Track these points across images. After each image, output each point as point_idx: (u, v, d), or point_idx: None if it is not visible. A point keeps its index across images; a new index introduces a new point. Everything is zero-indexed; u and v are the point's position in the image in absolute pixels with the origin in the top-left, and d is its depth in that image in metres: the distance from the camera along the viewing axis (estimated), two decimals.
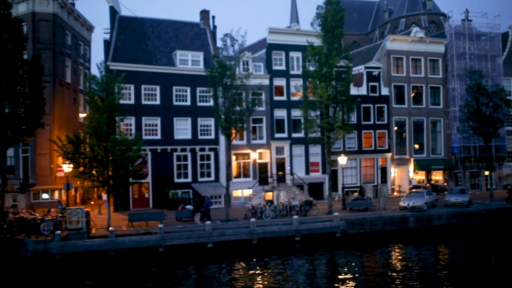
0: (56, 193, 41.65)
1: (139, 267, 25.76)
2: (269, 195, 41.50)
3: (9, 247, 27.52)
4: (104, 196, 37.09)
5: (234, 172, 42.50)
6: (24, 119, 32.27)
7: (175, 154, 41.41)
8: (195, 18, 49.71)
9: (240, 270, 25.51)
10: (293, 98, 44.96)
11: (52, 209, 33.33)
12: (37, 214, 30.95)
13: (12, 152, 42.00)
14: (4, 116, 31.53)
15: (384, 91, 48.18)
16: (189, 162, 41.86)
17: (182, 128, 41.85)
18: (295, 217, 31.22)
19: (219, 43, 37.09)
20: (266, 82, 43.88)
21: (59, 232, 26.86)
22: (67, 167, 32.56)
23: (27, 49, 35.08)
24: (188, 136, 42.00)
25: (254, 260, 27.29)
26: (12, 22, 32.07)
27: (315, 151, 45.58)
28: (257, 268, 25.78)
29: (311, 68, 36.72)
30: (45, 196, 41.55)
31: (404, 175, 49.16)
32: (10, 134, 32.19)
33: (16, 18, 32.97)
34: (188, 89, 42.20)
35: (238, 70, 35.28)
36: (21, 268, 25.65)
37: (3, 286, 23.12)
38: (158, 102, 41.26)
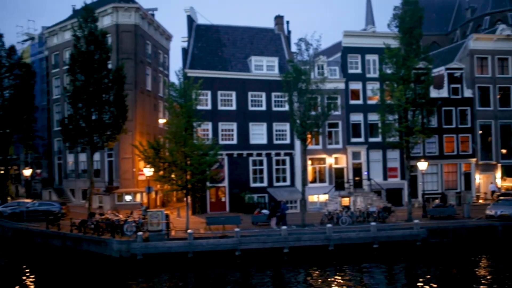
0: (138, 196, 43.42)
1: (217, 269, 26.16)
2: (345, 201, 40.77)
3: (96, 246, 29.08)
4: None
5: (309, 177, 42.18)
6: (109, 125, 34.04)
7: (251, 158, 41.83)
8: (270, 24, 50.06)
9: (317, 276, 25.15)
10: (369, 102, 43.98)
11: (135, 211, 34.83)
12: (121, 216, 32.52)
13: (98, 156, 44.50)
14: (91, 122, 33.47)
15: (467, 93, 45.84)
16: (264, 167, 42.11)
17: (258, 133, 42.21)
18: (373, 223, 30.37)
19: (294, 48, 37.02)
20: (341, 86, 43.28)
21: (141, 233, 27.94)
22: (148, 171, 33.83)
23: (111, 59, 36.97)
24: (264, 141, 42.28)
25: (331, 266, 26.79)
26: (98, 34, 34.01)
27: (393, 156, 44.22)
28: (334, 275, 25.25)
29: (388, 71, 35.67)
30: (128, 198, 43.50)
31: (490, 182, 46.37)
32: (97, 140, 34.09)
33: (101, 31, 34.91)
34: (264, 94, 42.53)
35: (313, 74, 35.01)
36: (107, 266, 26.95)
37: (93, 283, 24.33)
38: (234, 107, 41.92)
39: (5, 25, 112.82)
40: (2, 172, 50.99)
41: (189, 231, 28.45)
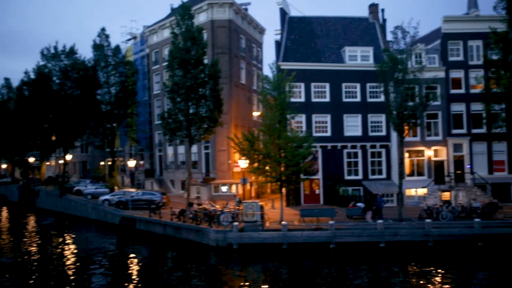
0: (233, 187, 44.54)
1: (311, 261, 26.14)
2: (445, 195, 38.75)
3: (194, 235, 30.34)
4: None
5: (407, 170, 40.65)
6: (206, 118, 35.22)
7: (345, 151, 41.19)
8: (364, 13, 48.74)
9: (415, 274, 24.14)
10: (472, 91, 41.33)
11: (230, 202, 35.79)
12: (217, 206, 33.59)
13: (195, 148, 46.28)
14: (189, 116, 34.82)
15: None
16: (359, 159, 41.27)
17: (352, 125, 41.43)
18: (477, 220, 28.60)
19: (389, 37, 35.83)
20: (441, 74, 41.04)
21: (236, 223, 28.67)
22: (243, 163, 34.52)
23: (207, 54, 38.12)
24: (358, 132, 41.42)
25: (430, 264, 25.54)
26: (195, 31, 35.20)
27: (500, 148, 41.18)
28: (434, 273, 24.03)
29: (494, 57, 33.32)
30: (224, 189, 44.77)
31: None
32: (194, 133, 35.42)
33: (197, 27, 36.10)
34: (358, 85, 41.61)
35: (410, 63, 33.61)
36: (204, 254, 28.00)
37: (191, 269, 25.41)
38: (327, 99, 41.46)
39: (111, 26, 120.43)
40: (109, 163, 54.82)
41: (283, 222, 28.70)
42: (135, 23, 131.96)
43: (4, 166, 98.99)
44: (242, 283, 22.46)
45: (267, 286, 21.75)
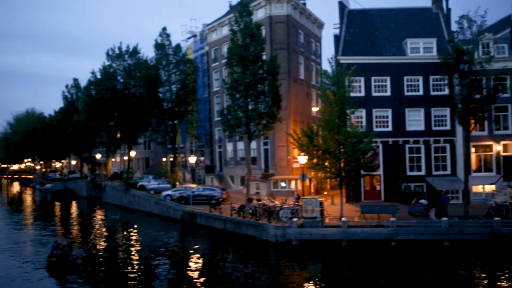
0: (292, 183, 44.47)
1: (371, 259, 25.66)
2: None
3: (254, 230, 30.60)
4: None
5: (473, 165, 38.92)
6: (265, 114, 35.35)
7: (407, 146, 40.05)
8: (426, 3, 47.06)
9: (482, 274, 23.15)
10: None
11: (289, 198, 35.78)
12: (277, 202, 33.67)
13: (255, 144, 46.60)
14: (248, 112, 35.09)
15: None
16: (422, 155, 39.99)
17: (414, 119, 40.17)
18: None
19: (454, 27, 34.38)
20: (511, 65, 38.95)
21: (295, 219, 28.62)
22: (302, 159, 34.39)
23: (265, 50, 38.21)
24: (421, 127, 40.12)
25: (499, 264, 24.36)
26: (253, 27, 35.37)
27: None
28: (503, 274, 22.75)
29: None
30: (282, 185, 44.80)
31: None
32: (253, 129, 35.65)
33: (256, 23, 36.26)
34: (420, 78, 40.29)
35: (476, 54, 32.18)
36: (264, 250, 28.18)
37: (251, 265, 25.66)
38: (388, 93, 40.45)
39: (172, 25, 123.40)
40: (171, 159, 56.26)
41: (343, 219, 28.37)
42: (195, 21, 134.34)
43: (73, 162, 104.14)
44: (302, 279, 22.41)
45: (327, 283, 21.58)
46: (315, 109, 47.38)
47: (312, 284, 21.33)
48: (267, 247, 28.48)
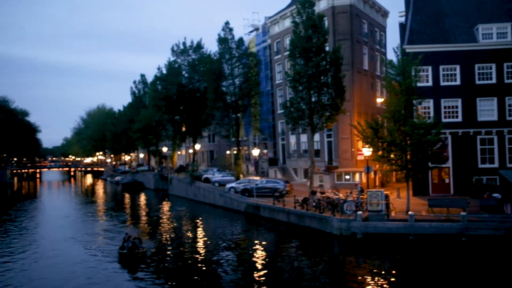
0: (357, 176, 43.80)
1: (440, 254, 24.79)
2: None
3: (317, 223, 30.46)
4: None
5: None
6: (328, 106, 34.97)
7: (478, 137, 38.24)
8: None
9: None
10: None
11: (354, 190, 35.28)
12: (341, 195, 33.32)
13: (318, 137, 46.28)
14: (311, 104, 34.86)
15: None
16: (495, 146, 38.04)
17: (486, 109, 38.25)
18: None
19: None
20: None
21: (360, 212, 28.18)
22: (367, 151, 33.78)
23: (328, 41, 37.72)
24: (494, 117, 38.15)
25: None
26: (316, 18, 35.00)
27: None
28: None
29: None
30: (346, 177, 44.24)
31: None
32: (317, 121, 35.39)
33: (318, 14, 35.85)
34: (493, 65, 38.27)
35: None
36: (327, 243, 27.99)
37: (314, 258, 25.59)
38: (458, 82, 38.76)
39: (234, 19, 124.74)
40: (235, 152, 57.04)
41: (410, 212, 27.61)
42: (257, 15, 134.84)
43: (141, 155, 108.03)
44: (368, 273, 22.04)
45: (394, 278, 21.11)
46: (379, 100, 46.25)
47: (378, 278, 20.92)
48: (331, 240, 28.26)
